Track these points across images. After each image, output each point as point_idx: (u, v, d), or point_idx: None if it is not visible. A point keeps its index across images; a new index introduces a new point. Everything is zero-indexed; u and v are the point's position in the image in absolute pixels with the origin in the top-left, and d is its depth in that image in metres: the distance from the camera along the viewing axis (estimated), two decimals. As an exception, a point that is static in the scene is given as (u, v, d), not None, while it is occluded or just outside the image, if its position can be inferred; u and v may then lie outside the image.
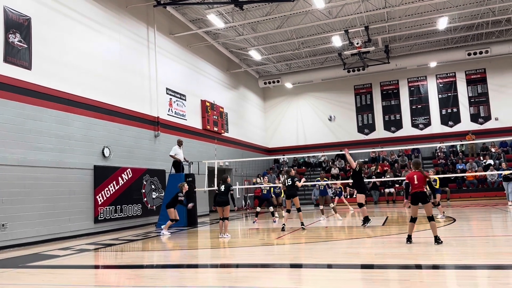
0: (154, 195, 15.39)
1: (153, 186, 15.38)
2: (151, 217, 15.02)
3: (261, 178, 20.53)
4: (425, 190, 7.57)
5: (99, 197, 12.75)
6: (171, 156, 14.68)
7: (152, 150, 15.74)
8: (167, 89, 17.16)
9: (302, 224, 11.09)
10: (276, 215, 14.78)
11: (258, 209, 14.75)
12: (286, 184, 11.39)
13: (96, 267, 7.74)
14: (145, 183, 14.93)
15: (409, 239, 7.63)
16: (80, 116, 12.42)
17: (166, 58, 17.34)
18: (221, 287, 5.38)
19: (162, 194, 15.33)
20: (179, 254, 8.53)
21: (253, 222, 14.09)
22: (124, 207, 13.77)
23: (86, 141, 12.54)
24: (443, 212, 12.33)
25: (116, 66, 14.30)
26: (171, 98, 17.41)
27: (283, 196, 14.76)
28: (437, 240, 7.31)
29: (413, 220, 7.67)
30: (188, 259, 7.88)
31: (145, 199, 14.87)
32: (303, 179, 12.45)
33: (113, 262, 8.16)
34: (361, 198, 11.24)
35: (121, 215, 13.60)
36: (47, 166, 11.08)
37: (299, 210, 11.18)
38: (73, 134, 12.07)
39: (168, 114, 17.06)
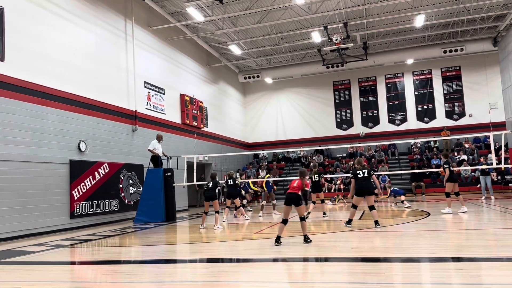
0: (132, 190, 15.22)
1: (130, 181, 15.20)
2: (129, 213, 14.85)
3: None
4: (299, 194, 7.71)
5: (75, 192, 12.53)
6: (149, 150, 14.53)
7: (130, 144, 15.54)
8: (145, 82, 16.95)
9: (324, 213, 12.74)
10: (250, 208, 15.31)
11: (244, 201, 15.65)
12: (313, 180, 13.05)
13: (72, 263, 7.62)
14: (122, 178, 14.75)
15: (278, 240, 7.57)
16: (55, 109, 12.15)
17: (144, 51, 17.11)
18: (199, 282, 5.37)
19: (140, 189, 15.18)
20: (157, 249, 8.47)
21: (234, 216, 14.16)
22: (101, 202, 13.57)
23: (61, 135, 12.29)
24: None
25: (93, 58, 14.03)
26: (149, 92, 17.20)
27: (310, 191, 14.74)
28: (306, 239, 7.55)
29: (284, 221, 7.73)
30: (166, 254, 7.84)
31: (123, 194, 14.69)
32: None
33: (89, 258, 8.05)
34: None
35: (97, 210, 13.41)
36: (21, 161, 10.82)
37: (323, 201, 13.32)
38: (48, 128, 11.80)
39: (146, 108, 16.86)
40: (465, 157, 22.41)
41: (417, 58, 25.00)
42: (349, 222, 9.72)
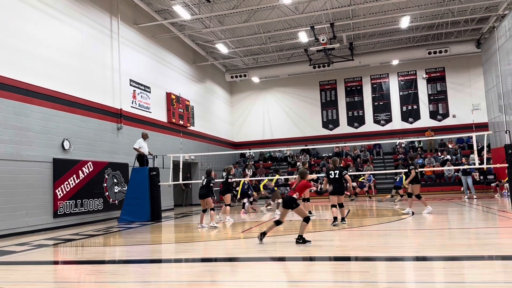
0: (117, 189, 15.07)
1: (115, 180, 15.05)
2: (113, 212, 14.70)
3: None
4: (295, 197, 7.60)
5: (59, 191, 12.36)
6: (135, 149, 14.40)
7: (115, 143, 15.39)
8: (130, 80, 16.80)
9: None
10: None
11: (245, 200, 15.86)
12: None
13: (55, 263, 7.51)
14: (107, 177, 14.59)
15: (262, 235, 7.60)
16: (39, 107, 11.96)
17: (130, 49, 16.95)
18: (185, 282, 5.35)
19: (125, 188, 15.04)
20: (142, 249, 8.40)
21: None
22: (85, 201, 13.41)
23: (45, 133, 12.10)
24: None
25: (78, 56, 13.85)
26: (134, 90, 17.05)
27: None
28: (299, 240, 7.33)
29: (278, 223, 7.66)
30: (151, 254, 7.78)
31: (107, 193, 14.54)
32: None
33: (73, 258, 7.95)
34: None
35: (81, 209, 13.25)
36: (3, 159, 10.63)
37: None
38: (31, 126, 11.62)
39: (131, 106, 16.71)
40: (448, 157, 22.75)
41: (402, 59, 25.29)
42: (334, 220, 9.81)
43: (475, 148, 13.69)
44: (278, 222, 7.65)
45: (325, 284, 4.88)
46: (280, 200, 14.66)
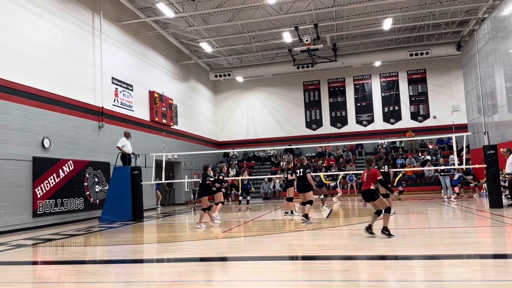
0: (98, 188, 14.88)
1: (96, 179, 14.86)
2: (94, 211, 14.51)
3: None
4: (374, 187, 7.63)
5: (38, 190, 12.14)
6: (118, 148, 14.22)
7: (96, 141, 15.19)
8: (112, 78, 16.60)
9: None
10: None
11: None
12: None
13: (34, 263, 7.37)
14: (88, 176, 14.39)
15: (369, 228, 7.72)
16: (18, 104, 11.72)
17: (112, 46, 16.75)
18: (166, 282, 5.32)
19: (106, 188, 14.86)
20: (123, 249, 8.31)
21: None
22: (65, 200, 13.20)
23: (24, 131, 11.87)
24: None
25: (58, 52, 13.62)
26: (117, 88, 16.85)
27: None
28: (384, 231, 7.53)
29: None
30: (132, 254, 7.71)
31: (88, 193, 14.34)
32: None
33: (52, 258, 7.81)
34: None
35: (62, 209, 13.04)
36: (-20, 157, 10.39)
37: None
38: (10, 124, 11.38)
39: (113, 105, 16.51)
40: (428, 157, 23.13)
41: (384, 60, 25.60)
42: (305, 217, 10.16)
43: (454, 148, 13.95)
44: (378, 213, 7.64)
45: (307, 283, 4.91)
46: (323, 196, 14.62)
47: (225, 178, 13.55)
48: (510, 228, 8.44)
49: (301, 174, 10.31)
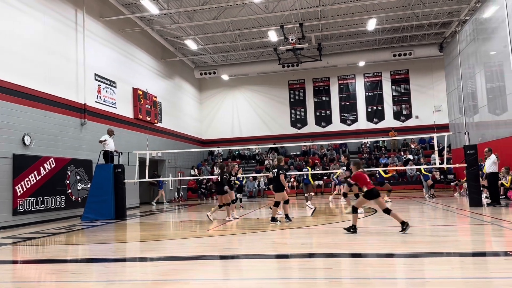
0: (80, 186, 14.68)
1: (78, 177, 14.66)
2: (76, 210, 14.32)
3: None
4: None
5: (19, 187, 11.92)
6: (100, 142, 13.99)
7: (78, 139, 14.98)
8: (95, 75, 16.38)
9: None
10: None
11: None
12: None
13: (14, 262, 7.24)
14: (69, 173, 14.19)
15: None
16: (-2, 100, 11.49)
17: (95, 42, 16.53)
18: (149, 281, 5.28)
19: (88, 186, 14.67)
20: (105, 247, 8.22)
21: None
22: (46, 198, 13.00)
23: (4, 128, 11.65)
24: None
25: (40, 48, 13.39)
26: (100, 85, 16.64)
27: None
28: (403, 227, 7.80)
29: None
30: (115, 252, 7.63)
31: (70, 191, 14.14)
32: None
33: (33, 257, 7.69)
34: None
35: (43, 207, 12.83)
36: (-42, 154, 10.15)
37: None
38: (-11, 120, 11.14)
39: (96, 102, 16.31)
40: (410, 156, 23.45)
41: (368, 60, 25.85)
42: (286, 217, 10.33)
43: (436, 148, 14.16)
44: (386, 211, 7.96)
45: (289, 281, 4.94)
46: (312, 193, 14.72)
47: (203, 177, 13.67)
48: (489, 227, 8.62)
49: (275, 175, 10.33)
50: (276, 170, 10.36)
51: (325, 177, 23.28)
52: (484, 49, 17.00)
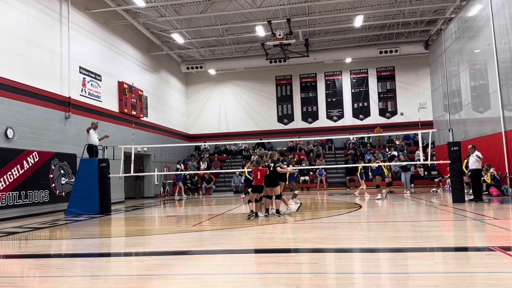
0: (64, 180, 14.49)
1: (62, 171, 14.47)
2: (60, 204, 14.15)
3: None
4: None
5: (1, 181, 11.72)
6: (87, 130, 13.77)
7: (62, 132, 14.78)
8: (80, 67, 16.15)
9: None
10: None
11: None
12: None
13: (-5, 257, 7.12)
14: (53, 167, 14.00)
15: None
16: (-21, 92, 11.25)
17: (80, 35, 16.28)
18: (134, 276, 5.25)
19: (73, 180, 14.49)
20: (90, 242, 8.15)
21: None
22: (29, 193, 12.80)
23: (-15, 121, 11.41)
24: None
25: (23, 40, 13.13)
26: (84, 78, 16.42)
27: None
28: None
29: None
30: (99, 247, 7.56)
31: (53, 185, 13.95)
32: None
33: (15, 252, 7.57)
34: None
35: (26, 201, 12.64)
36: None
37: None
38: (-31, 112, 10.90)
39: (81, 95, 16.09)
40: (395, 153, 23.70)
41: (354, 57, 26.00)
42: (266, 211, 10.38)
43: (420, 145, 14.36)
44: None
45: (275, 275, 4.96)
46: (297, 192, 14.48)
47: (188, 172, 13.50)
48: (471, 222, 8.78)
49: (272, 169, 10.30)
50: (272, 165, 10.30)
51: (311, 173, 23.39)
52: (469, 47, 17.22)
